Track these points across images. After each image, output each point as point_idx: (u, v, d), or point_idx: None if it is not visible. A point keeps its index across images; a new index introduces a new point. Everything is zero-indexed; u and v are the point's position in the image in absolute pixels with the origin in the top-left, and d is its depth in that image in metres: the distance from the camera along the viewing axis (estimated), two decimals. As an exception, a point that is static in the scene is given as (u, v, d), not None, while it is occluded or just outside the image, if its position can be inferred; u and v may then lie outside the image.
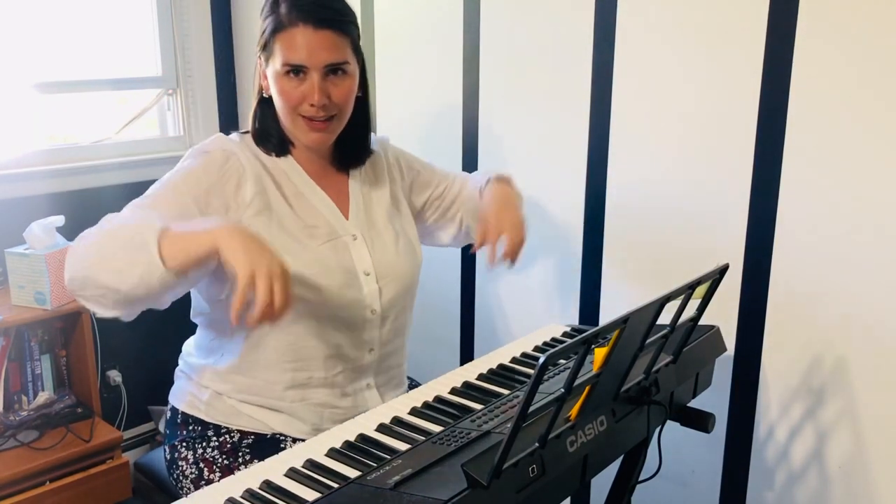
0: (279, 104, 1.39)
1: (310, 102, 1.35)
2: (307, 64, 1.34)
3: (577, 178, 1.89)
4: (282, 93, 1.37)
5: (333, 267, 1.40)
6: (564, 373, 1.30)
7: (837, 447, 1.59)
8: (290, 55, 1.34)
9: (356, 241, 1.46)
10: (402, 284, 1.50)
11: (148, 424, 2.65)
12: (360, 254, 1.45)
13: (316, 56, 1.34)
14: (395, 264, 1.49)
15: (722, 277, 1.17)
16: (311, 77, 1.35)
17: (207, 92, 2.65)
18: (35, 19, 2.31)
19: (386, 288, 1.47)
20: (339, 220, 1.46)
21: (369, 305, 1.45)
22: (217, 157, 1.38)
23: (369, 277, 1.45)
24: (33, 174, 2.28)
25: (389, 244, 1.50)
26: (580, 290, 1.95)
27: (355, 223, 1.48)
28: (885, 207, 1.45)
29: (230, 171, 1.37)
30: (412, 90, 2.21)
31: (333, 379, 1.45)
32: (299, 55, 1.33)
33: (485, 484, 0.92)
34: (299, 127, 1.39)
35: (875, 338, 1.50)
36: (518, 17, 1.93)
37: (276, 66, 1.36)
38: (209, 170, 1.36)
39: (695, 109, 1.66)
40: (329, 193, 1.47)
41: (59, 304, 2.11)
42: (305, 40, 1.33)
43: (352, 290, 1.42)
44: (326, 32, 1.34)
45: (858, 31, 1.43)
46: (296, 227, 1.41)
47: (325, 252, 1.41)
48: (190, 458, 1.46)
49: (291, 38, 1.33)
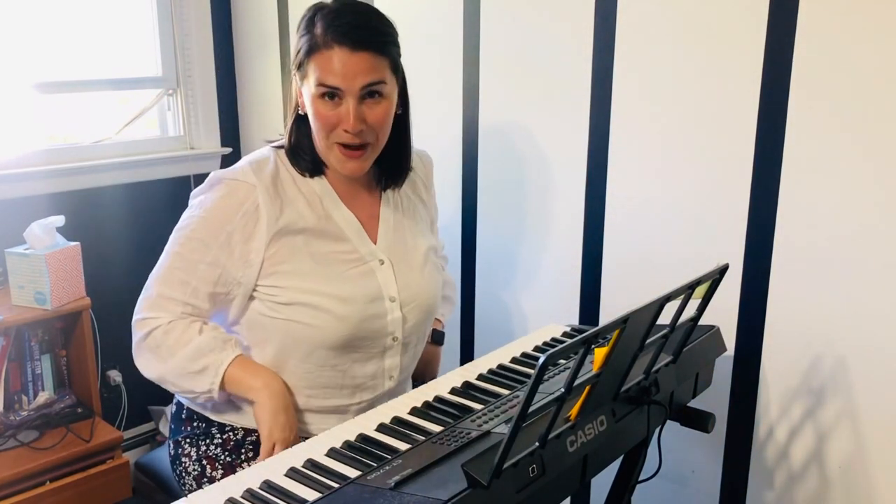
0: (315, 127, 1.36)
1: (345, 128, 1.32)
2: (343, 87, 1.30)
3: (578, 177, 1.89)
4: (317, 115, 1.33)
5: (359, 293, 1.39)
6: (564, 373, 1.30)
7: (837, 447, 1.59)
8: (326, 77, 1.30)
9: (383, 265, 1.43)
10: (425, 310, 1.48)
11: (148, 424, 2.65)
12: (386, 279, 1.43)
13: (352, 80, 1.29)
14: (420, 290, 1.47)
15: (722, 277, 1.17)
16: (346, 101, 1.31)
17: (207, 92, 2.65)
18: (35, 19, 2.31)
19: (410, 314, 1.45)
20: (366, 245, 1.43)
21: (391, 332, 1.43)
22: (233, 203, 1.36)
23: (394, 304, 1.43)
24: (33, 174, 2.28)
25: (416, 268, 1.48)
26: (580, 290, 1.95)
27: (383, 247, 1.45)
28: (885, 207, 1.45)
29: (247, 216, 1.36)
30: (412, 90, 2.21)
31: (348, 407, 1.45)
32: (335, 78, 1.29)
33: (485, 484, 0.92)
34: (335, 155, 1.36)
35: (875, 338, 1.50)
36: (518, 17, 1.93)
37: (311, 88, 1.32)
38: (228, 216, 1.36)
39: (695, 109, 1.66)
40: (359, 215, 1.45)
41: (59, 304, 2.11)
42: (342, 63, 1.29)
43: (376, 318, 1.41)
44: (364, 55, 1.29)
45: (858, 32, 1.43)
46: (322, 251, 1.39)
47: (351, 279, 1.39)
48: (193, 455, 1.46)
49: (327, 61, 1.29)
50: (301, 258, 1.37)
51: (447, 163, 2.16)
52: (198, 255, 1.36)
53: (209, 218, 1.36)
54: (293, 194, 1.39)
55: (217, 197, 1.37)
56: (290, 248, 1.37)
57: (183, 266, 1.36)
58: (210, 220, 1.36)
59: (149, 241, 2.51)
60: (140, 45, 2.55)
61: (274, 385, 1.35)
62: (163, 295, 1.37)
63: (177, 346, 1.36)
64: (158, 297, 1.38)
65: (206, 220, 1.36)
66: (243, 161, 1.42)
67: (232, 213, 1.35)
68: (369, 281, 1.41)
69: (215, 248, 1.35)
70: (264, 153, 1.43)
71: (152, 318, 1.37)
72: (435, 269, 1.53)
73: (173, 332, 1.36)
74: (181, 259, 1.37)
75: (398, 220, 1.50)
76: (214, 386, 1.35)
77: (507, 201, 2.05)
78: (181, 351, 1.35)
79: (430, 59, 2.14)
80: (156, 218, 2.54)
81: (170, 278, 1.37)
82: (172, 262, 1.37)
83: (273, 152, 1.43)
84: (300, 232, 1.38)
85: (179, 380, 1.37)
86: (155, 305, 1.38)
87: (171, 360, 1.36)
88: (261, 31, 2.60)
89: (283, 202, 1.37)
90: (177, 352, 1.35)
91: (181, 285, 1.36)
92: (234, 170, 1.39)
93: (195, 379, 1.35)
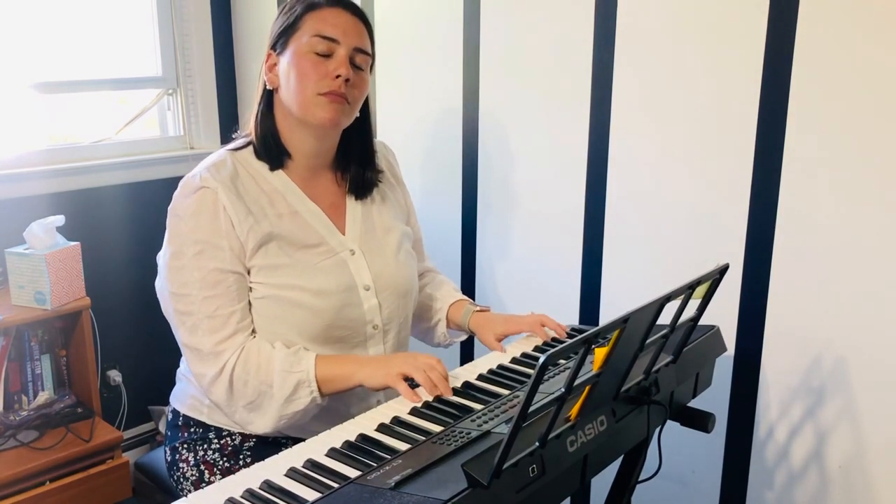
0: (296, 87, 1.36)
1: (336, 74, 1.35)
2: (340, 39, 1.36)
3: (578, 177, 1.89)
4: (303, 64, 1.35)
5: (333, 286, 1.39)
6: (564, 373, 1.30)
7: (837, 447, 1.59)
8: (325, 28, 1.36)
9: (354, 255, 1.45)
10: (401, 297, 1.49)
11: (148, 424, 2.65)
12: (359, 269, 1.44)
13: (349, 35, 1.37)
14: (394, 277, 1.48)
15: (722, 277, 1.17)
16: (338, 54, 1.36)
17: (207, 92, 2.65)
18: (35, 19, 2.31)
19: (386, 301, 1.46)
20: (335, 237, 1.44)
21: (370, 321, 1.44)
22: (204, 209, 1.35)
23: (369, 292, 1.44)
24: (33, 174, 2.28)
25: (389, 256, 1.49)
26: (580, 290, 1.95)
27: (352, 237, 1.46)
28: (886, 207, 1.45)
29: (218, 215, 1.35)
30: (412, 90, 2.21)
31: (339, 397, 1.43)
32: (334, 30, 1.36)
33: (485, 484, 0.92)
34: (317, 102, 1.36)
35: (875, 338, 1.50)
36: (518, 17, 1.93)
37: (302, 42, 1.36)
38: (205, 223, 1.34)
39: (695, 109, 1.66)
40: (323, 207, 1.45)
41: (59, 304, 2.11)
42: (340, 20, 1.37)
43: (352, 307, 1.42)
44: (358, 22, 1.39)
45: (858, 31, 1.43)
46: (292, 247, 1.39)
47: (324, 271, 1.40)
48: (191, 461, 1.46)
49: (325, 16, 1.37)
50: (273, 254, 1.37)
51: (447, 163, 2.16)
52: (204, 262, 1.34)
53: (187, 232, 1.35)
54: (255, 193, 1.40)
55: (189, 211, 1.35)
56: (260, 245, 1.36)
57: (200, 284, 1.34)
58: (190, 232, 1.35)
59: (149, 240, 2.51)
60: (140, 45, 2.55)
61: (361, 358, 1.36)
62: (208, 320, 1.33)
63: (263, 375, 1.33)
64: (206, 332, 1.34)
65: (187, 234, 1.35)
66: (200, 166, 1.41)
67: (208, 219, 1.34)
68: (342, 271, 1.42)
69: (209, 248, 1.34)
70: (220, 155, 1.43)
71: (220, 362, 1.34)
72: (408, 256, 1.54)
73: (250, 361, 1.33)
74: (194, 281, 1.34)
75: (366, 209, 1.51)
76: (315, 394, 1.33)
77: (507, 201, 2.05)
78: (269, 381, 1.33)
79: (430, 59, 2.14)
80: (156, 218, 2.51)
81: (201, 303, 1.34)
82: (190, 290, 1.34)
83: (229, 154, 1.43)
84: (268, 229, 1.37)
85: (286, 411, 1.34)
86: (211, 351, 1.34)
87: (269, 403, 1.34)
88: (261, 31, 2.60)
89: (247, 201, 1.37)
90: (266, 389, 1.33)
91: (215, 299, 1.34)
92: (193, 177, 1.38)
93: (294, 401, 1.33)
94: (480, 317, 1.58)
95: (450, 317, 1.63)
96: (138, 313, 2.51)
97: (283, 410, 1.34)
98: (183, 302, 1.35)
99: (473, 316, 1.59)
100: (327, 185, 1.49)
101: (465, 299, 1.65)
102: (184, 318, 1.35)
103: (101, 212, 2.45)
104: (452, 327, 1.63)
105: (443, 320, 1.63)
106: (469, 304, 1.62)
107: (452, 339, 1.66)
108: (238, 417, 1.36)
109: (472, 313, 1.59)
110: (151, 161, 2.53)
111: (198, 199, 1.35)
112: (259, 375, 1.33)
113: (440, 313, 1.64)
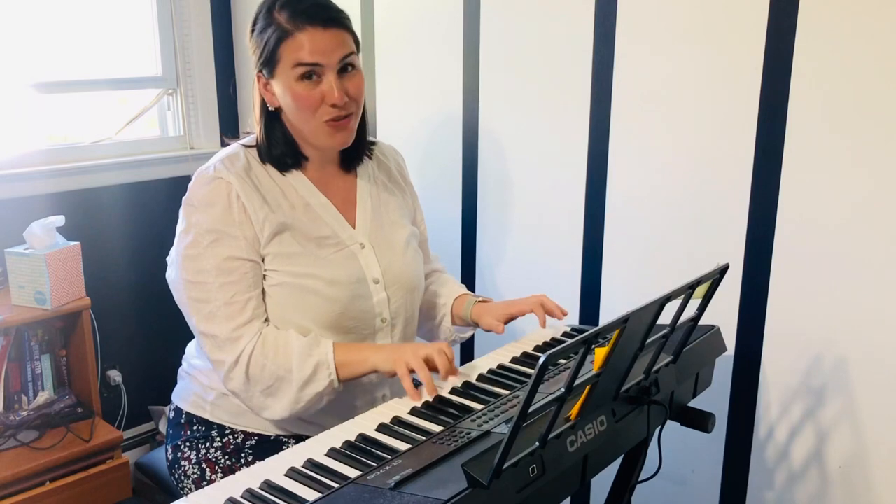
0: (296, 113, 1.37)
1: (330, 103, 1.34)
2: (323, 62, 1.33)
3: (578, 177, 1.89)
4: (299, 98, 1.35)
5: (344, 277, 1.41)
6: (564, 373, 1.30)
7: (837, 447, 1.59)
8: (304, 56, 1.33)
9: (364, 249, 1.46)
10: (409, 291, 1.50)
11: (148, 424, 2.65)
12: (369, 262, 1.45)
13: (330, 54, 1.34)
14: (403, 271, 1.49)
15: (722, 277, 1.17)
16: (327, 77, 1.34)
17: (207, 92, 2.64)
18: (35, 19, 2.31)
19: (394, 295, 1.47)
20: (345, 230, 1.46)
21: (379, 314, 1.46)
22: (219, 199, 1.36)
23: (378, 285, 1.45)
24: (33, 174, 2.28)
25: (398, 250, 1.50)
26: (580, 290, 1.95)
27: (362, 231, 1.47)
28: (885, 207, 1.45)
29: (234, 205, 1.36)
30: (412, 90, 2.21)
31: (345, 388, 1.43)
32: (313, 55, 1.33)
33: (485, 484, 0.92)
34: (323, 132, 1.38)
35: (875, 338, 1.50)
36: (518, 17, 1.93)
37: (287, 75, 1.34)
38: (219, 212, 1.35)
39: (695, 109, 1.66)
40: (335, 202, 1.47)
41: (59, 304, 2.11)
42: (316, 41, 1.33)
43: (363, 299, 1.43)
44: (334, 30, 1.35)
45: (858, 31, 1.43)
46: (305, 238, 1.41)
47: (335, 263, 1.41)
48: (193, 459, 1.46)
49: (302, 43, 1.33)
50: (287, 243, 1.38)
51: (447, 163, 2.16)
52: (219, 250, 1.35)
53: (203, 221, 1.36)
54: (269, 185, 1.41)
55: (204, 201, 1.36)
56: (275, 233, 1.38)
57: (216, 271, 1.35)
58: (204, 221, 1.36)
59: (149, 240, 2.51)
60: (140, 45, 2.55)
61: (375, 345, 1.39)
62: (225, 307, 1.34)
63: (282, 359, 1.34)
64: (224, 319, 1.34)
65: (202, 224, 1.36)
66: (214, 158, 1.42)
67: (222, 208, 1.35)
68: (352, 264, 1.43)
69: (224, 237, 1.35)
70: (234, 149, 1.44)
71: (237, 348, 1.34)
72: (416, 253, 1.55)
73: (268, 346, 1.34)
74: (210, 269, 1.35)
75: (375, 206, 1.52)
76: (333, 377, 1.34)
77: (507, 201, 2.05)
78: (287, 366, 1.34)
79: (430, 59, 2.14)
80: (156, 218, 2.54)
81: (217, 291, 1.34)
82: (206, 278, 1.35)
83: (242, 149, 1.44)
84: (282, 218, 1.39)
85: (304, 393, 1.34)
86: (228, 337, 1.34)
87: (286, 388, 1.34)
88: (261, 31, 2.59)
89: (262, 191, 1.39)
90: (284, 373, 1.34)
91: (231, 286, 1.34)
92: (207, 168, 1.39)
93: (312, 383, 1.34)
94: (482, 305, 1.59)
95: (454, 311, 1.64)
96: (138, 313, 2.51)
97: (300, 393, 1.34)
98: (198, 290, 1.35)
99: (475, 306, 1.60)
100: (338, 182, 1.50)
101: (468, 293, 1.66)
102: (200, 306, 1.36)
103: (101, 212, 2.45)
104: (457, 321, 1.64)
105: (447, 315, 1.64)
106: (471, 297, 1.63)
107: (457, 335, 1.66)
108: (255, 402, 1.36)
109: (474, 304, 1.60)
110: (151, 161, 2.53)
111: (212, 189, 1.36)
112: (277, 360, 1.34)
113: (445, 308, 1.64)
